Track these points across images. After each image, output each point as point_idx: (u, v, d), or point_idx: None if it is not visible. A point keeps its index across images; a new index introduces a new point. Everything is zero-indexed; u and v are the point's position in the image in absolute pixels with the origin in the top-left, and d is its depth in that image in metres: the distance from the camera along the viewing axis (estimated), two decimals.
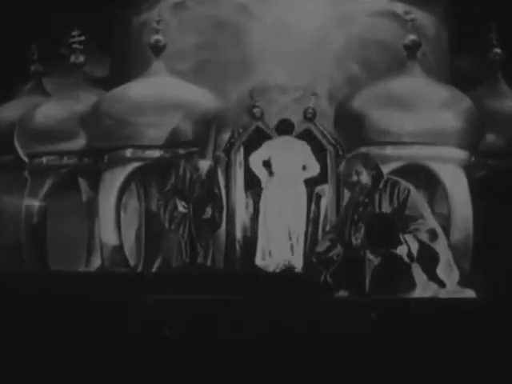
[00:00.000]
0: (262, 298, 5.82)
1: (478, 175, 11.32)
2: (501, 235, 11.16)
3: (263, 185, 11.00)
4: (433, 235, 6.30)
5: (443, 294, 6.40)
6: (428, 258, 6.28)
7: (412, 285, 6.27)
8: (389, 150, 10.81)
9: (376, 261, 6.29)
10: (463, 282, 6.71)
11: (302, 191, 10.92)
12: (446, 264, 6.41)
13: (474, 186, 10.96)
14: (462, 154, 11.00)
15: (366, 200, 6.58)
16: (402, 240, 6.18)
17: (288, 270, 10.59)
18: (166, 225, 10.55)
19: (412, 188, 6.57)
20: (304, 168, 10.97)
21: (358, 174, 6.56)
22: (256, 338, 5.37)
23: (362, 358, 5.33)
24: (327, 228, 10.80)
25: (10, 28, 13.55)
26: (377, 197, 6.52)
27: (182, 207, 10.44)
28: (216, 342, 5.40)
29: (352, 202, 6.72)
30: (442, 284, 6.38)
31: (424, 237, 6.26)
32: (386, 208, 6.45)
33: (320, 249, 6.71)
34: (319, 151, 11.31)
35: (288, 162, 10.83)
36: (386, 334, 5.37)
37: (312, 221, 11.63)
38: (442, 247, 6.39)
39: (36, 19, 13.34)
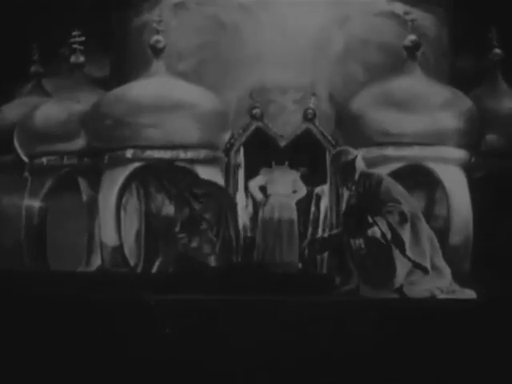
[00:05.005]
0: (262, 298, 5.83)
1: (478, 175, 11.32)
2: (501, 235, 11.17)
3: (259, 205, 12.03)
4: (403, 218, 6.46)
5: (444, 294, 6.45)
6: (395, 242, 6.44)
7: (392, 267, 6.40)
8: (389, 151, 10.82)
9: (363, 246, 6.50)
10: (463, 283, 6.72)
11: (293, 209, 11.98)
12: (425, 250, 6.52)
13: (474, 186, 10.96)
14: (462, 155, 11.01)
15: (352, 193, 6.91)
16: (371, 221, 6.37)
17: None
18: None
19: (386, 178, 6.84)
20: (294, 192, 12.03)
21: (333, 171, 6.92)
22: (256, 338, 5.38)
23: (361, 358, 5.33)
24: (327, 228, 11.10)
25: (9, 28, 13.55)
26: (354, 189, 6.84)
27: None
28: (216, 342, 5.40)
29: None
30: (424, 270, 6.51)
31: (394, 219, 6.44)
32: (361, 198, 6.73)
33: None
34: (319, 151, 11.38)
35: (281, 187, 11.96)
36: (386, 334, 5.37)
37: (312, 221, 11.77)
38: (419, 232, 6.55)
39: (36, 19, 13.34)
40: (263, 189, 12.00)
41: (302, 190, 12.04)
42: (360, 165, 6.84)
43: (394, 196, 6.62)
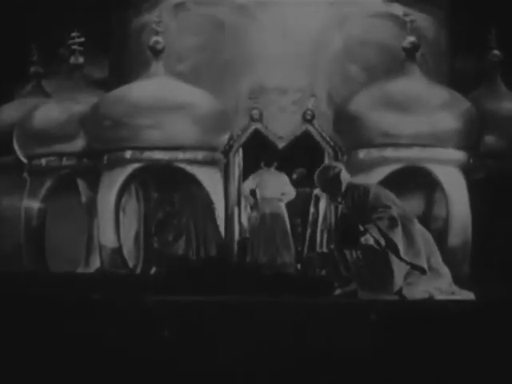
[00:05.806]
0: (261, 300, 5.83)
1: (477, 177, 11.32)
2: (500, 237, 11.17)
3: (251, 207, 12.14)
4: (393, 222, 6.50)
5: (443, 295, 6.46)
6: (389, 246, 6.48)
7: (390, 272, 6.43)
8: (388, 152, 10.83)
9: (360, 257, 6.54)
10: (462, 284, 6.73)
11: (284, 211, 12.04)
12: (420, 250, 6.56)
13: (473, 188, 10.96)
14: (460, 156, 11.01)
15: (341, 206, 6.96)
16: (362, 229, 6.43)
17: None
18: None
19: (373, 186, 6.88)
20: (283, 194, 12.07)
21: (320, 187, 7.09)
22: (256, 339, 5.38)
23: (360, 359, 5.34)
24: (326, 229, 11.18)
25: (9, 28, 13.55)
26: (343, 202, 6.87)
27: None
28: (216, 343, 5.40)
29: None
30: (421, 270, 6.56)
31: (384, 225, 6.47)
32: (351, 210, 6.76)
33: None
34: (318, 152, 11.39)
35: (270, 190, 11.99)
36: (386, 335, 5.38)
37: (311, 222, 11.78)
38: (412, 234, 6.59)
39: (36, 20, 13.35)
40: (253, 191, 12.03)
41: (291, 193, 12.09)
42: (345, 177, 6.86)
43: (382, 202, 6.65)
